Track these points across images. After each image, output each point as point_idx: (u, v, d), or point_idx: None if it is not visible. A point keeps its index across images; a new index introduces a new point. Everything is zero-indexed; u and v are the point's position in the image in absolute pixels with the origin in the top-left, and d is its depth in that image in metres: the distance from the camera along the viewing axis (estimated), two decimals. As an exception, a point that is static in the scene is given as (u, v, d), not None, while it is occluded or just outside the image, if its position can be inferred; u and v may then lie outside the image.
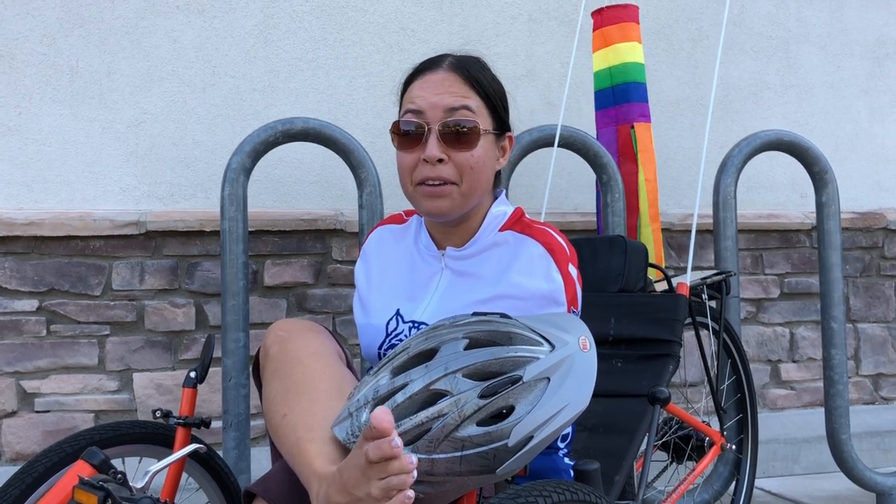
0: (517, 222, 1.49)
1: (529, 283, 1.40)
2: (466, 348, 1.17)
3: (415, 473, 1.04)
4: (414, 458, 1.04)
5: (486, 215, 1.50)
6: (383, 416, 1.02)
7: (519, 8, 3.07)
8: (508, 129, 1.52)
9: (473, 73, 1.45)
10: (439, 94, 1.42)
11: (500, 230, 1.48)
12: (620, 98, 2.72)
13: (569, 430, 1.49)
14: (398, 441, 1.03)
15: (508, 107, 1.52)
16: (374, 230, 1.62)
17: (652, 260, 2.69)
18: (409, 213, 1.61)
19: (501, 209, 1.51)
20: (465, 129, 1.41)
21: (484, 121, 1.44)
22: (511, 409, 1.14)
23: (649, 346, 1.91)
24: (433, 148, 1.40)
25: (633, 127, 2.70)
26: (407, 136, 1.43)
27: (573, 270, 1.44)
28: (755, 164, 3.16)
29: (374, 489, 1.04)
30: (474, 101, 1.44)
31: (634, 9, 2.74)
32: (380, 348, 1.48)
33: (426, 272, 1.49)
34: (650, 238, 2.70)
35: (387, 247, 1.57)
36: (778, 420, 3.15)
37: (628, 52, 2.70)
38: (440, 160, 1.40)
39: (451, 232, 1.49)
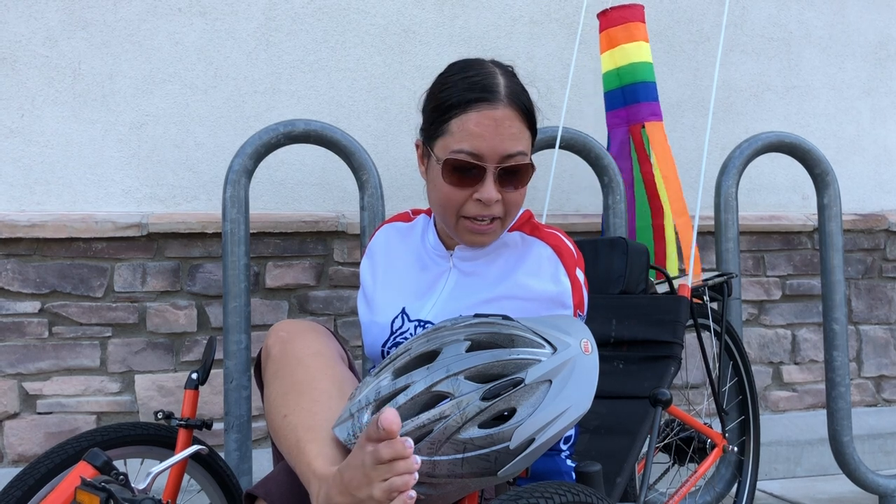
0: (526, 224, 1.49)
1: (537, 284, 1.40)
2: (468, 350, 1.17)
3: (416, 475, 1.04)
4: (418, 459, 1.04)
5: None
6: (393, 417, 1.03)
7: (520, 10, 3.07)
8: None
9: (527, 105, 1.42)
10: (500, 137, 1.36)
11: (509, 231, 1.48)
12: (630, 98, 2.72)
13: (571, 432, 1.49)
14: (411, 441, 1.03)
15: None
16: (380, 228, 1.62)
17: (676, 255, 2.68)
18: (415, 212, 1.60)
19: None
20: (521, 170, 1.39)
21: (530, 154, 1.43)
22: (513, 412, 1.14)
23: (651, 347, 1.91)
24: (491, 190, 1.37)
25: (643, 127, 2.71)
26: (461, 173, 1.38)
27: (580, 275, 1.43)
28: (756, 165, 3.16)
29: (376, 490, 1.04)
30: (526, 140, 1.41)
31: (640, 8, 2.74)
32: (384, 346, 1.48)
33: (434, 271, 1.49)
34: (673, 236, 2.70)
35: (393, 245, 1.57)
36: (780, 422, 3.15)
37: (635, 52, 2.71)
38: (496, 200, 1.39)
39: None
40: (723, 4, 3.25)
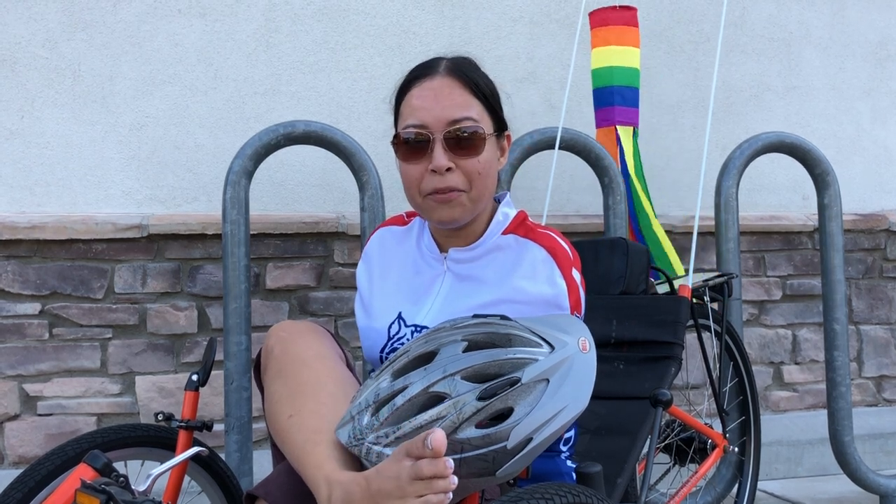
0: (520, 226, 1.48)
1: (532, 287, 1.39)
2: (465, 350, 1.17)
3: (451, 494, 1.05)
4: (455, 480, 1.05)
5: (490, 218, 1.49)
6: (443, 438, 1.03)
7: (520, 11, 3.07)
8: (506, 126, 1.51)
9: (471, 75, 1.43)
10: (441, 105, 1.39)
11: (503, 234, 1.47)
12: (600, 101, 2.73)
13: (571, 433, 1.49)
14: (452, 462, 1.04)
15: (501, 104, 1.50)
16: (375, 231, 1.61)
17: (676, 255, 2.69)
18: (410, 215, 1.60)
19: (505, 211, 1.50)
20: (471, 136, 1.40)
21: (486, 124, 1.43)
22: (510, 411, 1.14)
23: (651, 348, 1.91)
24: (440, 157, 1.38)
25: (616, 128, 2.72)
26: (411, 146, 1.41)
27: (576, 275, 1.43)
28: (757, 165, 3.16)
29: None
30: (475, 107, 1.42)
31: (630, 12, 2.74)
32: (381, 352, 1.48)
33: (428, 275, 1.48)
34: (665, 236, 2.72)
35: (389, 249, 1.56)
36: (780, 422, 3.15)
37: (620, 55, 2.71)
38: (448, 169, 1.38)
39: (456, 235, 1.48)
40: (722, 5, 3.25)
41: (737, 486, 2.39)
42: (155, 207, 2.70)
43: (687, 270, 2.13)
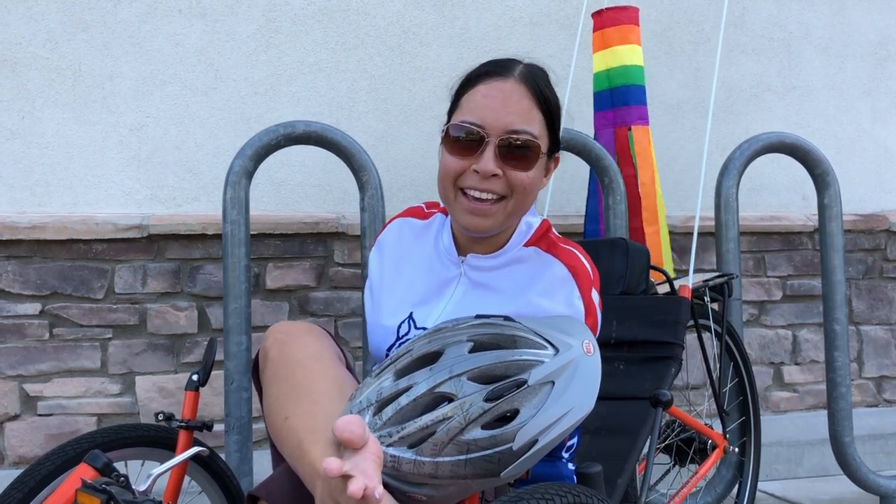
0: (543, 238, 1.45)
1: (549, 305, 1.37)
2: (471, 351, 1.17)
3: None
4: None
5: (515, 227, 1.45)
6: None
7: (520, 11, 3.07)
8: (559, 147, 1.47)
9: (542, 89, 1.40)
10: (506, 109, 1.35)
11: (525, 245, 1.43)
12: (618, 100, 2.72)
13: (574, 440, 1.48)
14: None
15: (560, 125, 1.47)
16: (393, 220, 1.56)
17: (670, 256, 2.69)
18: (430, 207, 1.55)
19: (529, 221, 1.46)
20: (525, 149, 1.36)
21: (542, 142, 1.39)
22: (516, 413, 1.14)
23: (651, 348, 1.91)
24: (489, 162, 1.34)
25: (630, 130, 2.70)
26: (462, 141, 1.36)
27: (595, 296, 1.40)
28: (757, 166, 3.16)
29: None
30: (537, 122, 1.38)
31: (634, 11, 2.74)
32: (389, 350, 1.46)
33: (443, 277, 1.45)
34: (649, 241, 2.69)
35: (405, 243, 1.51)
36: (780, 423, 3.15)
37: (627, 54, 2.70)
38: (493, 175, 1.34)
39: (478, 241, 1.44)
40: (723, 5, 3.25)
41: (737, 486, 2.39)
42: (155, 208, 2.70)
43: (686, 271, 2.14)
